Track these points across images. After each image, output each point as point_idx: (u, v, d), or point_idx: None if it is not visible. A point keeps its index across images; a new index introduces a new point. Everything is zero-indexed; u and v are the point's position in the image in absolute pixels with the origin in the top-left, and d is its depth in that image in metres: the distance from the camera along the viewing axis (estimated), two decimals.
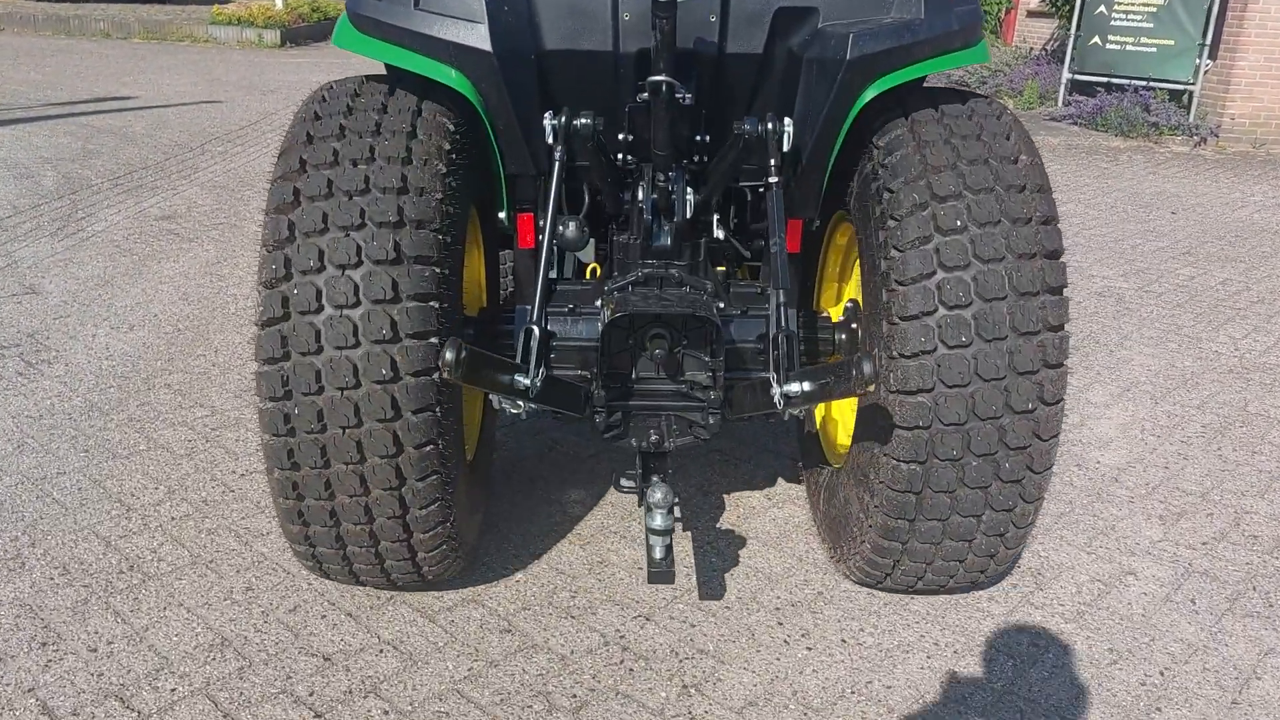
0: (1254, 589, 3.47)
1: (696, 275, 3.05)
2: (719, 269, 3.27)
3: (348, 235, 2.48)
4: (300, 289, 2.46)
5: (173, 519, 3.61)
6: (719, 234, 3.26)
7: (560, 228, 2.91)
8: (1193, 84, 11.93)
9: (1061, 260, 2.65)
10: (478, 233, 3.40)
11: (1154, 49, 12.11)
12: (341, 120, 2.69)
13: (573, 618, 3.17)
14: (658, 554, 2.72)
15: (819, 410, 3.71)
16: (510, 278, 3.86)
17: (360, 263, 2.47)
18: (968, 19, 2.80)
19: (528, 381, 2.46)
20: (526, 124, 2.86)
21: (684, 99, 2.69)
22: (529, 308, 2.85)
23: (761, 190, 2.99)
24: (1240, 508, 4.01)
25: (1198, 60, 11.81)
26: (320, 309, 2.46)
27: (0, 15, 18.78)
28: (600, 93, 2.90)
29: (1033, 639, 3.16)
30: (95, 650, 2.92)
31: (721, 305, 2.97)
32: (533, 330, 2.63)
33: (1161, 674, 3.03)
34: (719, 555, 3.54)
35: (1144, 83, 12.17)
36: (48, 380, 4.69)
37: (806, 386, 2.46)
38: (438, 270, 2.57)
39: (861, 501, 2.91)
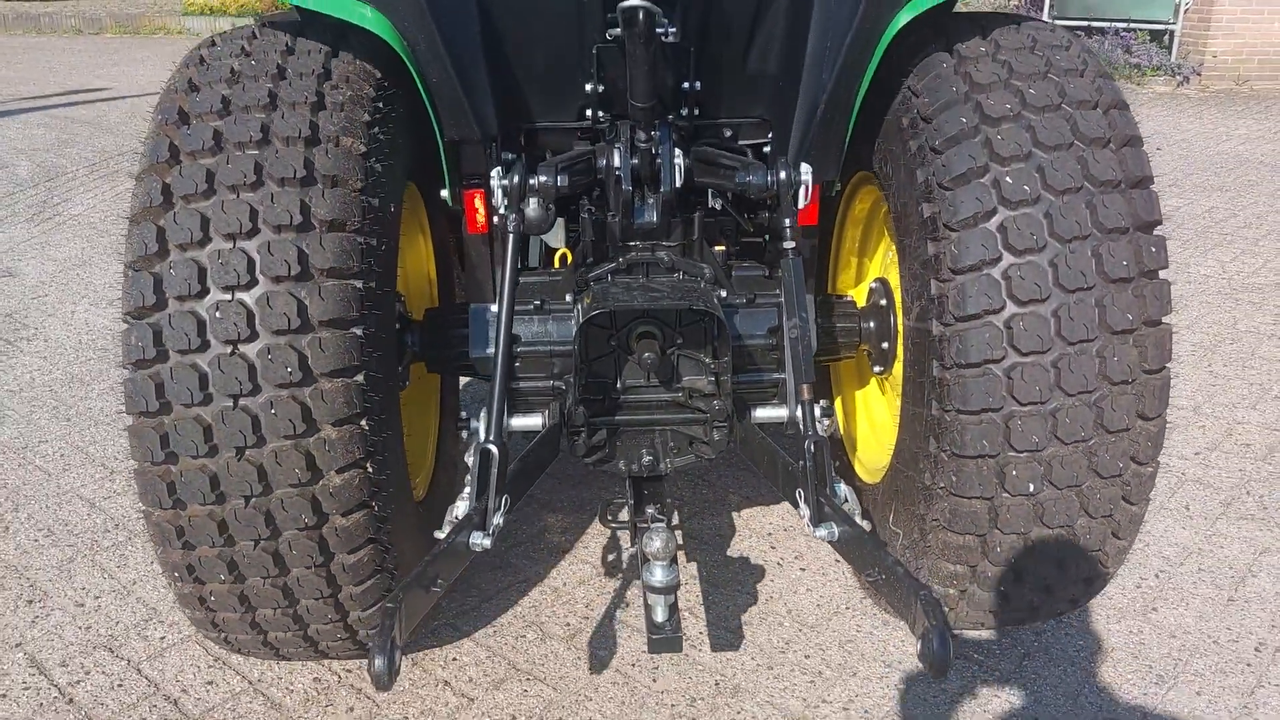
0: (1248, 493, 3.45)
1: (691, 258, 2.57)
2: (718, 248, 2.72)
3: (238, 196, 2.03)
4: (178, 269, 1.99)
5: None
6: (715, 204, 2.74)
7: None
8: (1173, 23, 11.88)
9: (1160, 235, 2.18)
10: (423, 217, 2.90)
11: None
12: (234, 64, 2.24)
13: (564, 552, 3.15)
14: (659, 615, 2.16)
15: (841, 409, 3.20)
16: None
17: (256, 230, 2.01)
18: None
19: (487, 543, 1.98)
20: (466, 75, 2.35)
21: (667, 33, 2.15)
22: (487, 309, 2.26)
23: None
24: (1233, 419, 3.99)
25: None
26: (204, 292, 1.97)
27: None
28: (559, 30, 2.37)
29: None
30: (83, 605, 2.89)
31: (724, 294, 2.51)
32: (490, 453, 2.07)
33: (1157, 576, 3.01)
34: (709, 486, 3.51)
35: (1125, 24, 12.10)
36: (27, 356, 4.64)
37: (840, 539, 1.96)
38: (360, 240, 2.08)
39: (909, 538, 2.41)
